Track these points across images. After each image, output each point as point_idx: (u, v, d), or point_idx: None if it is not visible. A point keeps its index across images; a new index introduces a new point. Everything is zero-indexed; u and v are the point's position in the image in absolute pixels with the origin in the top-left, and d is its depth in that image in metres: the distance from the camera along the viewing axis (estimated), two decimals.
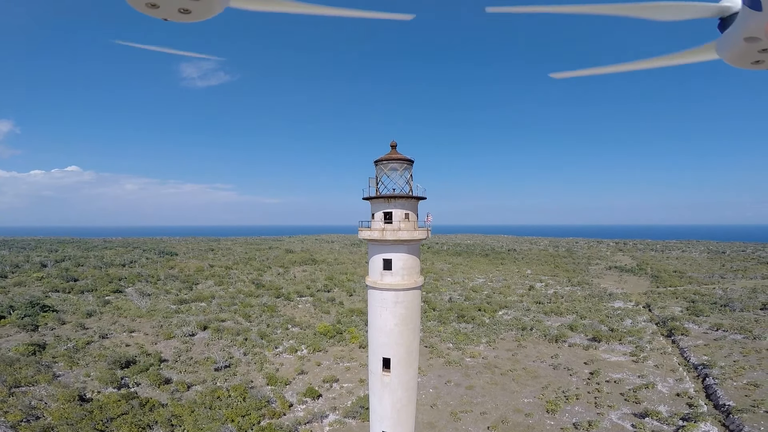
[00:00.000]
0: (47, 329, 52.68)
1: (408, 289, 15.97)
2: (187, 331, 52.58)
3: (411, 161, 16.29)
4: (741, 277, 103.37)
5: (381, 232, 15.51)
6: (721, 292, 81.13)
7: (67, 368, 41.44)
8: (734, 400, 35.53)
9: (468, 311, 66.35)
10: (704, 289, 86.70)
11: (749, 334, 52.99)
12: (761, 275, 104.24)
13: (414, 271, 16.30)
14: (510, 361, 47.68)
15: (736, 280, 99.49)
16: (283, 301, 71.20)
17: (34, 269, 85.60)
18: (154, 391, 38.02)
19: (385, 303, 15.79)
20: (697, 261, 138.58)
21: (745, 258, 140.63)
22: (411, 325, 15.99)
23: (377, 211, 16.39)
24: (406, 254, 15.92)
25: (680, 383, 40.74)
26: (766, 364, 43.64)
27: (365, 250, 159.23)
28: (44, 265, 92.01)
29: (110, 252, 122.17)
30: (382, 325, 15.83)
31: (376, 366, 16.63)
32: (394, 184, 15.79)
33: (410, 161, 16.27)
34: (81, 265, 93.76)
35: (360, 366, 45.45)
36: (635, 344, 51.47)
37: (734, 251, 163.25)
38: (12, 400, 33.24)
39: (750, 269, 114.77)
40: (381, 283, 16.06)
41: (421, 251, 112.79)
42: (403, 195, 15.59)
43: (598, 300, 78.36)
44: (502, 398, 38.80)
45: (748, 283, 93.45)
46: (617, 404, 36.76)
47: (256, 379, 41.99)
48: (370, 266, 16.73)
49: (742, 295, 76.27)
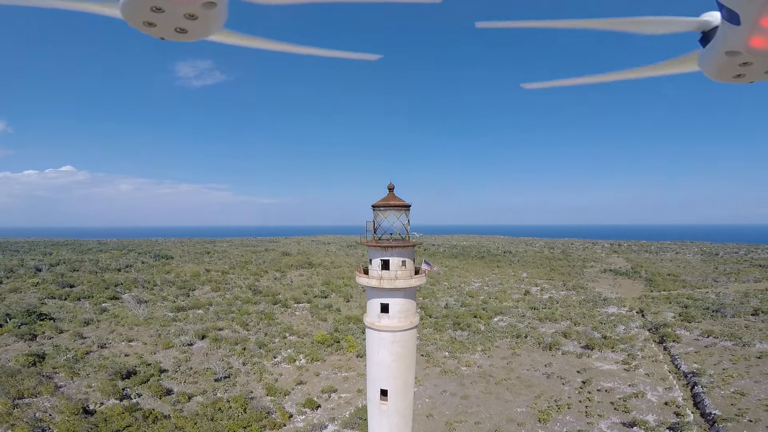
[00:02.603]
0: (45, 338, 52.98)
1: (404, 330, 16.70)
2: (185, 341, 53.14)
3: (408, 206, 17.03)
4: (734, 280, 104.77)
5: (379, 281, 16.22)
6: (714, 297, 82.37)
7: (68, 379, 41.92)
8: (720, 409, 36.54)
9: (464, 318, 67.23)
10: (697, 293, 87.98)
11: (739, 341, 54.11)
12: (754, 278, 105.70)
13: (410, 313, 17.03)
14: (504, 369, 48.56)
15: (729, 283, 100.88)
16: (281, 308, 71.85)
17: (29, 274, 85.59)
18: (156, 402, 38.61)
19: (383, 342, 16.52)
20: (690, 263, 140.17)
21: (738, 260, 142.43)
22: (407, 361, 16.82)
23: (375, 258, 17.04)
24: (402, 299, 16.64)
25: (669, 392, 41.74)
26: (754, 372, 44.78)
27: (362, 252, 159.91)
28: (39, 269, 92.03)
29: (105, 255, 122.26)
30: (380, 361, 16.63)
31: (374, 395, 17.41)
32: (392, 228, 16.53)
33: (407, 206, 17.01)
34: (76, 270, 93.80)
35: (357, 376, 46.21)
36: (627, 352, 52.47)
37: (727, 253, 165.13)
38: (17, 413, 33.73)
39: (743, 272, 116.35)
40: (378, 324, 16.80)
41: (418, 254, 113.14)
42: (399, 245, 16.35)
43: (593, 305, 79.42)
44: (496, 408, 39.67)
45: (740, 287, 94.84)
46: (607, 413, 37.71)
47: (256, 390, 42.67)
48: (368, 307, 17.43)
49: (735, 300, 77.53)
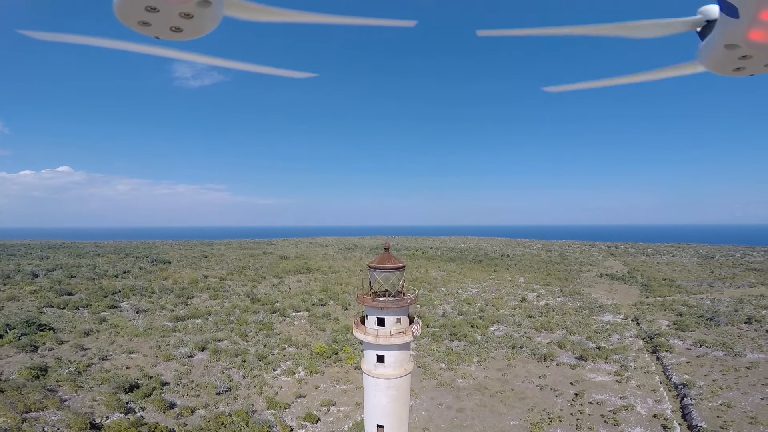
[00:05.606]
0: (46, 350, 53.49)
1: (399, 377, 17.56)
2: (185, 353, 53.85)
3: (402, 267, 17.80)
4: (729, 285, 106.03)
5: (375, 338, 17.04)
6: (709, 303, 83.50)
7: (72, 392, 42.52)
8: (706, 422, 37.54)
9: (461, 328, 68.14)
10: (692, 299, 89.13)
11: (731, 351, 55.13)
12: (748, 283, 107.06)
13: (404, 362, 17.93)
14: (499, 381, 49.47)
15: (725, 288, 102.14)
16: (279, 318, 72.61)
17: (26, 281, 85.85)
18: (160, 416, 39.36)
19: (379, 387, 17.39)
20: (686, 267, 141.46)
21: (733, 264, 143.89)
22: (401, 402, 17.72)
23: (371, 314, 17.78)
24: (397, 351, 17.51)
25: (659, 404, 42.70)
26: (743, 383, 45.80)
27: (360, 256, 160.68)
28: (36, 275, 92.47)
29: (102, 260, 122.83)
30: (377, 402, 17.53)
31: (371, 429, 18.28)
32: (388, 285, 17.30)
33: (402, 267, 17.78)
34: (73, 276, 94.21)
35: (356, 388, 47.04)
36: (620, 363, 53.41)
37: (723, 256, 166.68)
38: (26, 427, 34.34)
39: (738, 276, 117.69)
40: (375, 372, 17.67)
41: (416, 257, 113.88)
42: (394, 305, 17.12)
43: (588, 313, 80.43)
44: (491, 421, 40.57)
45: (735, 292, 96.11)
46: (597, 426, 38.67)
47: (257, 403, 43.51)
48: (364, 355, 18.30)
49: (729, 307, 78.64)
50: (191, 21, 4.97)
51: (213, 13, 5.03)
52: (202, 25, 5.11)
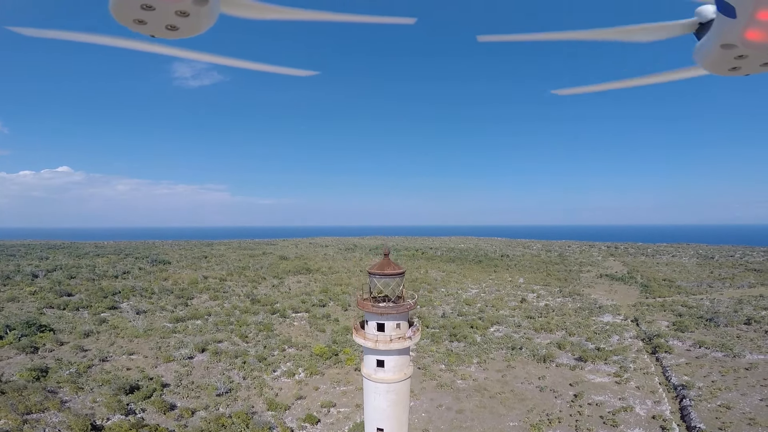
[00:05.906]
0: (46, 351, 53.58)
1: (399, 381, 17.64)
2: (185, 354, 53.94)
3: (402, 273, 17.90)
4: (729, 285, 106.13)
5: (374, 343, 17.14)
6: (709, 304, 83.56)
7: (72, 393, 42.62)
8: (705, 423, 37.64)
9: (460, 329, 68.22)
10: (692, 300, 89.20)
11: (730, 352, 55.23)
12: (748, 283, 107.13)
13: (404, 366, 18.04)
14: (499, 383, 49.57)
15: (724, 289, 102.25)
16: (279, 318, 72.68)
17: (26, 281, 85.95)
18: (161, 418, 39.46)
19: (378, 391, 17.50)
20: (686, 267, 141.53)
21: (733, 264, 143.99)
22: (401, 406, 17.83)
23: (371, 320, 17.90)
24: (396, 356, 17.60)
25: (658, 405, 42.80)
26: (742, 384, 45.90)
27: (360, 256, 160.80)
28: (35, 275, 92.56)
29: (102, 260, 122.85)
30: (377, 406, 17.64)
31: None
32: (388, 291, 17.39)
33: (401, 273, 17.88)
34: (73, 276, 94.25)
35: (356, 390, 47.13)
36: (620, 364, 53.50)
37: (723, 256, 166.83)
38: (27, 429, 34.45)
39: (738, 276, 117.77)
40: (374, 377, 17.81)
41: (415, 258, 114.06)
42: (393, 311, 17.21)
43: (588, 314, 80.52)
44: (490, 422, 40.67)
45: (735, 292, 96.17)
46: (596, 427, 38.77)
47: (257, 404, 43.60)
48: (364, 360, 18.45)
49: (728, 308, 78.70)
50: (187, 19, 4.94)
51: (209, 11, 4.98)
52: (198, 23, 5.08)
